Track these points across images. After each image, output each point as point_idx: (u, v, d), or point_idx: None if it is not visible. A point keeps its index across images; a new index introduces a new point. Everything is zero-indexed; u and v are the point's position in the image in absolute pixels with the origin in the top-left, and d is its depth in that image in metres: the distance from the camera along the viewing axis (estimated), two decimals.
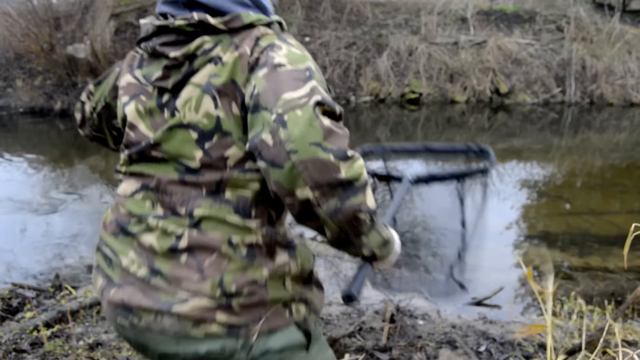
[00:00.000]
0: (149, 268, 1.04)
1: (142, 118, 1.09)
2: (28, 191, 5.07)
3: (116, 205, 1.14)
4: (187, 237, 1.02)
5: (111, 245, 1.11)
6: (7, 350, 2.19)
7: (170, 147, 1.04)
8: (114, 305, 1.07)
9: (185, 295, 1.00)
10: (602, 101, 10.91)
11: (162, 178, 1.06)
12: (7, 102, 9.57)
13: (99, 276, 1.13)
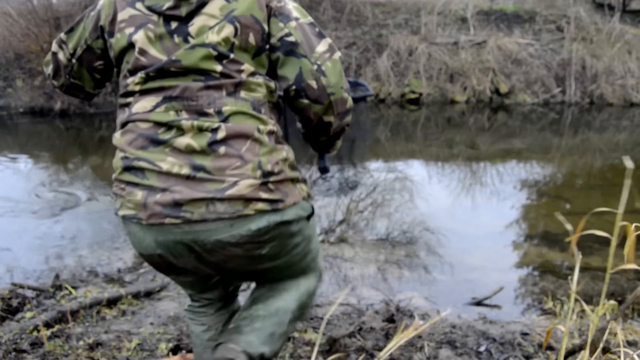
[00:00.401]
0: (191, 166, 1.18)
1: (152, 43, 1.24)
2: (28, 191, 5.07)
3: (134, 125, 1.26)
4: (224, 129, 1.19)
5: (143, 157, 1.21)
6: (7, 350, 2.18)
7: (191, 62, 1.22)
8: (163, 207, 1.17)
9: (232, 180, 1.17)
10: (602, 101, 10.91)
11: (188, 85, 1.22)
12: (7, 102, 9.57)
13: (135, 191, 1.21)
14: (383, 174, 6.05)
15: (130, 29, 1.25)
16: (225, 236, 1.18)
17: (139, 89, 1.26)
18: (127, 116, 1.28)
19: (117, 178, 1.27)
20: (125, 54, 1.29)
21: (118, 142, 1.29)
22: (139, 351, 2.26)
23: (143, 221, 1.21)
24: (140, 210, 1.21)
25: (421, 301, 3.10)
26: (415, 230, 4.32)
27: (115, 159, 1.30)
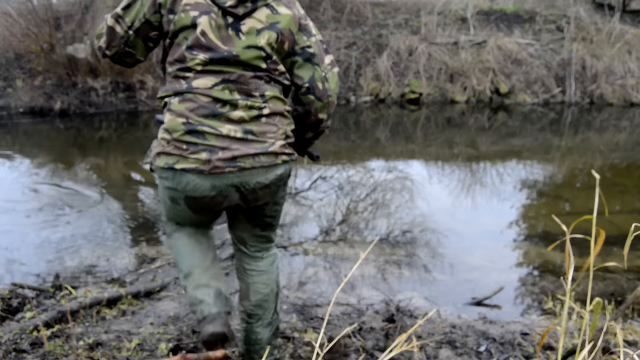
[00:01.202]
0: (243, 130, 1.63)
1: (212, 30, 1.60)
2: (28, 191, 5.07)
3: (194, 96, 1.62)
4: (268, 108, 1.67)
5: (206, 122, 1.61)
6: (7, 350, 2.19)
7: (246, 58, 1.63)
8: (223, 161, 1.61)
9: (272, 140, 1.67)
10: (602, 101, 10.91)
11: (243, 74, 1.64)
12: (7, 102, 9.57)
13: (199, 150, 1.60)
14: (383, 174, 6.05)
15: (194, 12, 1.58)
16: (262, 179, 1.68)
17: (200, 68, 1.62)
18: (186, 87, 1.63)
19: (178, 138, 1.61)
20: (184, 30, 1.61)
21: (177, 108, 1.62)
22: (139, 351, 2.26)
23: (205, 172, 1.60)
24: (203, 164, 1.60)
25: (421, 301, 3.10)
26: (415, 230, 4.32)
27: (172, 122, 1.62)
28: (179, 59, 1.64)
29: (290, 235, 4.13)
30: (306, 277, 3.38)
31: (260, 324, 1.92)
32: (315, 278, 3.37)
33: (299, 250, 3.82)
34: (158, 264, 3.41)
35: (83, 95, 9.46)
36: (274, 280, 1.93)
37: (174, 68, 1.65)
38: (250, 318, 1.92)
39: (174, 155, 1.62)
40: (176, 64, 1.65)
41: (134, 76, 9.75)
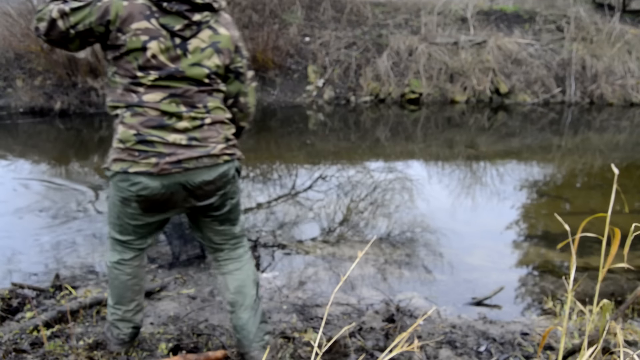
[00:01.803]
0: (188, 138, 1.87)
1: (161, 52, 1.80)
2: (28, 191, 5.07)
3: (144, 110, 1.83)
4: (210, 118, 1.92)
5: (155, 133, 1.83)
6: (7, 350, 2.18)
7: (192, 74, 1.86)
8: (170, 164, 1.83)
9: (213, 144, 1.91)
10: (602, 101, 10.91)
11: (188, 88, 1.86)
12: (7, 102, 9.57)
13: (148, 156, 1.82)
14: (383, 174, 6.05)
15: (145, 37, 1.78)
16: (206, 177, 1.90)
17: (150, 84, 1.82)
18: (137, 101, 1.83)
19: (130, 147, 1.83)
20: (135, 52, 1.79)
21: (129, 122, 1.83)
22: (139, 351, 2.26)
23: (154, 173, 1.83)
24: (153, 167, 1.83)
25: (421, 301, 3.10)
26: (415, 230, 4.32)
27: (125, 133, 1.83)
28: (129, 74, 1.82)
29: (290, 235, 4.13)
30: (306, 277, 3.38)
31: (242, 309, 2.10)
32: (315, 278, 3.37)
33: (299, 250, 3.81)
34: (158, 264, 3.41)
35: (83, 95, 9.46)
36: (249, 267, 2.15)
37: (125, 81, 1.84)
38: (232, 307, 2.12)
39: (127, 161, 1.85)
40: (127, 78, 1.83)
41: None
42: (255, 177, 5.92)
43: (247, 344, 2.11)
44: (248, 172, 6.15)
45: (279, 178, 5.89)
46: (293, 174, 6.04)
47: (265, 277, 3.35)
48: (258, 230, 4.17)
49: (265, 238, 3.96)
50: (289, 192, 5.28)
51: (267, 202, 4.96)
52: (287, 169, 6.24)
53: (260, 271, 3.44)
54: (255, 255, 3.59)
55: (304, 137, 8.29)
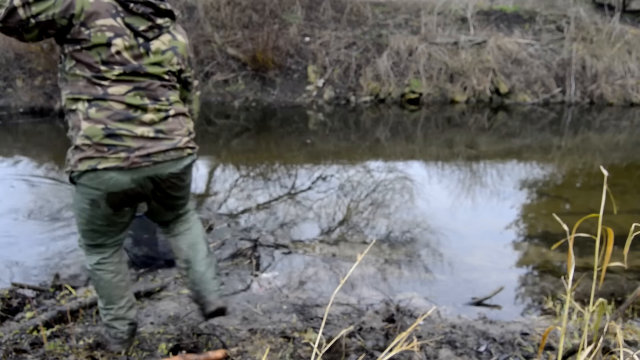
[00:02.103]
0: (155, 130, 1.93)
1: (125, 49, 1.87)
2: (27, 191, 5.08)
3: (108, 104, 1.86)
4: (173, 110, 2.02)
5: (122, 127, 1.86)
6: (7, 350, 2.18)
7: (154, 71, 1.96)
8: (141, 158, 1.89)
9: (178, 138, 2.01)
10: (602, 101, 10.91)
11: (151, 82, 1.95)
12: (7, 102, 9.57)
13: (118, 151, 1.85)
14: (383, 174, 6.05)
15: (110, 33, 1.83)
16: (174, 169, 2.01)
17: (115, 78, 1.86)
18: (102, 94, 1.86)
19: (98, 142, 1.84)
20: (99, 47, 1.83)
21: (96, 116, 1.85)
22: (139, 351, 2.26)
23: (125, 167, 1.87)
24: (123, 162, 1.86)
25: (421, 301, 3.10)
26: (415, 230, 4.32)
27: (92, 129, 1.84)
28: (92, 68, 1.85)
29: (290, 235, 4.13)
30: (306, 277, 3.38)
31: (197, 263, 2.21)
32: (315, 278, 3.37)
33: (299, 250, 3.81)
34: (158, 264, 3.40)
35: None
36: (198, 226, 2.29)
37: (88, 74, 1.85)
38: (187, 263, 2.22)
39: (95, 158, 1.85)
40: (89, 71, 1.85)
41: None
42: (255, 177, 5.92)
43: (206, 295, 2.20)
44: (248, 172, 6.15)
45: (279, 178, 5.89)
46: (293, 174, 6.04)
47: (265, 277, 3.35)
48: (258, 230, 4.17)
49: (265, 238, 3.96)
50: (289, 192, 5.28)
51: (267, 202, 4.96)
52: (287, 169, 6.24)
53: (260, 271, 3.44)
54: (255, 255, 3.59)
55: (304, 137, 8.29)
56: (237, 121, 9.34)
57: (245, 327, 2.59)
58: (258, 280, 3.30)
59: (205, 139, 7.93)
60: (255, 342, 2.41)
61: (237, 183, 5.70)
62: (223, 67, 10.80)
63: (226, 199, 5.07)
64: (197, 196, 5.06)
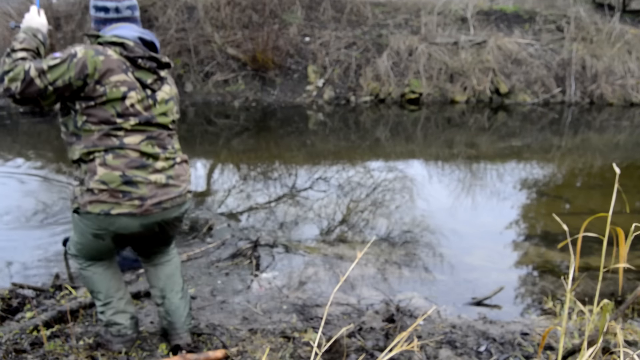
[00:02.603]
0: (166, 177, 2.08)
1: (138, 102, 2.00)
2: (28, 191, 5.08)
3: (125, 152, 1.98)
4: (179, 157, 2.18)
5: (138, 174, 2.00)
6: (7, 350, 2.18)
7: (162, 121, 2.10)
8: (153, 206, 2.02)
9: (183, 185, 2.17)
10: (602, 101, 10.91)
11: (160, 132, 2.10)
12: (7, 102, 9.56)
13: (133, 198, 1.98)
14: (383, 174, 6.05)
15: (124, 87, 1.96)
16: (177, 214, 2.16)
17: (130, 128, 2.00)
18: (119, 144, 1.98)
19: (115, 188, 1.95)
20: (114, 101, 1.94)
21: (113, 164, 1.96)
22: (139, 351, 2.26)
23: (137, 214, 2.00)
24: (136, 209, 2.00)
25: (421, 301, 3.10)
26: (415, 230, 4.32)
27: (109, 175, 1.95)
28: (107, 121, 1.95)
29: (291, 235, 4.13)
30: (306, 277, 3.38)
31: (174, 293, 2.29)
32: (315, 278, 3.37)
33: (299, 250, 3.81)
34: None
35: None
36: (177, 260, 2.38)
37: (104, 127, 1.95)
38: (163, 292, 2.29)
39: (109, 203, 1.97)
40: (104, 125, 1.95)
41: None
42: (255, 177, 5.92)
43: (179, 327, 2.27)
44: (248, 172, 6.15)
45: (279, 178, 5.89)
46: (293, 174, 6.04)
47: (265, 277, 3.35)
48: (258, 230, 4.17)
49: (265, 238, 3.96)
50: (288, 192, 5.28)
51: (267, 202, 4.96)
52: (287, 169, 6.24)
53: (260, 271, 3.44)
54: (255, 255, 3.58)
55: (304, 137, 8.29)
56: (237, 121, 9.34)
57: (245, 327, 2.59)
58: (258, 280, 3.30)
59: (205, 139, 7.93)
60: (255, 342, 2.41)
61: (237, 183, 5.70)
62: (223, 67, 10.80)
63: (226, 199, 5.07)
64: (198, 196, 5.06)
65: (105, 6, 2.08)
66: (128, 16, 2.11)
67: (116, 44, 1.99)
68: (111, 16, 2.09)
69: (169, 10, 11.05)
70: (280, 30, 11.22)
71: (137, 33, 2.06)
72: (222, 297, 3.00)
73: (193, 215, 4.40)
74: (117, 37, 2.00)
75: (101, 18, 2.10)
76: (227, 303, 2.92)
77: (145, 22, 11.17)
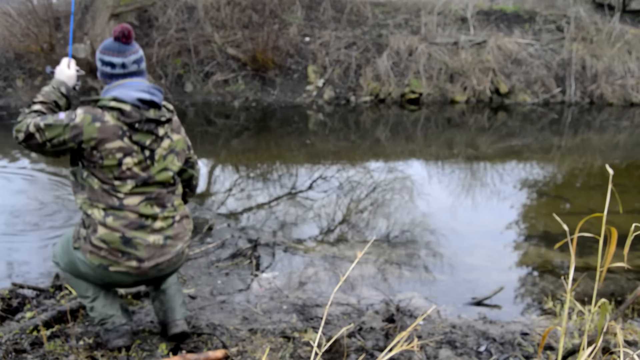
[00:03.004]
0: (164, 237, 2.14)
1: (135, 165, 2.06)
2: (28, 191, 5.08)
3: (124, 213, 2.06)
4: (178, 215, 2.22)
5: (137, 235, 2.07)
6: (7, 350, 2.18)
7: (161, 179, 2.15)
8: (149, 268, 2.10)
9: (181, 244, 2.22)
10: (602, 101, 10.91)
11: (159, 191, 2.15)
12: (7, 102, 9.57)
13: (130, 259, 2.06)
14: (383, 174, 6.05)
15: (119, 154, 2.01)
16: (171, 270, 2.24)
17: (129, 191, 2.06)
18: (118, 204, 2.05)
19: (115, 248, 2.04)
20: (111, 167, 2.02)
21: (113, 225, 2.04)
22: (139, 351, 2.26)
23: (134, 274, 2.10)
24: (133, 270, 2.09)
25: (421, 301, 3.10)
26: (415, 230, 4.32)
27: (109, 235, 2.03)
28: (106, 182, 2.04)
29: (290, 235, 4.13)
30: (306, 277, 3.38)
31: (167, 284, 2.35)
32: (315, 278, 3.37)
33: (299, 250, 3.81)
34: None
35: (83, 95, 9.46)
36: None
37: (103, 186, 2.05)
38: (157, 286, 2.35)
39: (108, 259, 2.05)
40: (104, 184, 2.04)
41: None
42: (255, 177, 5.92)
43: (175, 315, 2.31)
44: (248, 172, 6.15)
45: (279, 178, 5.89)
46: (293, 174, 6.04)
47: (265, 277, 3.35)
48: (258, 230, 4.17)
49: (265, 238, 3.96)
50: (289, 192, 5.28)
51: (267, 202, 4.96)
52: (287, 169, 6.24)
53: (260, 271, 3.44)
54: (255, 255, 3.59)
55: (304, 137, 8.29)
56: (237, 121, 9.34)
57: (245, 327, 2.59)
58: (258, 280, 3.30)
59: (205, 139, 7.93)
60: (255, 342, 2.41)
61: (237, 183, 5.70)
62: (223, 67, 10.80)
63: (226, 199, 5.07)
64: (198, 196, 5.06)
65: (111, 62, 2.10)
66: (134, 70, 2.13)
67: (114, 109, 2.01)
68: (117, 72, 2.11)
69: (169, 10, 11.04)
70: (280, 30, 11.22)
71: (137, 93, 2.05)
72: (222, 297, 3.01)
73: (193, 215, 4.40)
74: (115, 101, 2.02)
75: (107, 73, 2.13)
76: (227, 303, 2.92)
77: (145, 22, 11.18)
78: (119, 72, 2.11)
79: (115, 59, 2.09)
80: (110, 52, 2.10)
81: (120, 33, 2.08)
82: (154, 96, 2.09)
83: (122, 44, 2.10)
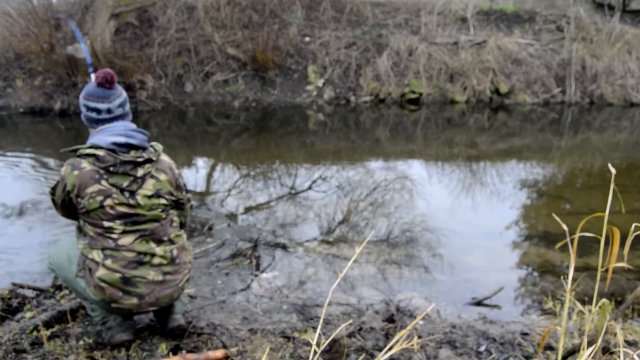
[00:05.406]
0: (162, 273, 2.19)
1: (117, 205, 2.09)
2: (28, 191, 5.08)
3: (121, 254, 2.11)
4: (175, 248, 2.25)
5: (136, 274, 2.13)
6: (7, 350, 2.18)
7: (152, 215, 2.17)
8: (149, 304, 2.17)
9: (180, 277, 2.26)
10: (602, 101, 10.91)
11: (153, 228, 2.18)
12: (7, 102, 9.57)
13: (131, 297, 2.13)
14: (383, 174, 6.05)
15: (99, 197, 2.07)
16: (171, 302, 2.28)
17: (121, 230, 2.11)
18: (114, 245, 2.11)
19: (117, 287, 2.10)
20: (96, 210, 2.08)
21: (113, 266, 2.09)
22: (139, 351, 2.26)
23: (134, 310, 2.16)
24: (134, 307, 2.15)
25: (421, 301, 3.10)
26: (415, 230, 4.32)
27: (110, 276, 2.09)
28: (98, 225, 2.10)
29: (290, 235, 4.13)
30: (306, 277, 3.38)
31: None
32: (315, 278, 3.37)
33: (299, 250, 3.81)
34: None
35: None
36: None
37: (98, 230, 2.11)
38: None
39: (110, 297, 2.11)
40: (98, 228, 2.11)
41: (134, 76, 9.75)
42: (255, 177, 5.92)
43: (173, 310, 2.38)
44: (248, 171, 6.15)
45: (279, 178, 5.89)
46: (293, 174, 6.04)
47: (265, 277, 3.35)
48: (258, 230, 4.17)
49: (265, 238, 3.96)
50: (289, 192, 5.28)
51: (267, 202, 4.96)
52: (287, 169, 6.24)
53: (260, 271, 3.44)
54: (255, 255, 3.59)
55: (304, 137, 8.29)
56: (237, 121, 9.34)
57: (245, 327, 2.59)
58: (258, 280, 3.30)
59: (205, 139, 7.93)
60: (255, 342, 2.41)
61: (237, 183, 5.70)
62: (223, 67, 10.80)
63: (226, 199, 5.07)
64: (198, 196, 5.06)
65: (97, 108, 2.14)
66: (120, 114, 2.17)
67: (90, 155, 2.08)
68: (103, 117, 2.15)
69: (169, 10, 11.05)
70: (280, 30, 11.22)
71: (113, 137, 2.09)
72: (222, 297, 3.01)
73: (193, 215, 4.39)
74: (91, 148, 2.08)
75: (94, 118, 2.16)
76: (227, 303, 2.92)
77: (145, 22, 11.18)
78: (105, 117, 2.15)
79: (101, 105, 2.13)
80: (95, 98, 2.13)
81: (103, 79, 2.10)
82: (130, 138, 2.10)
83: (106, 89, 2.13)
